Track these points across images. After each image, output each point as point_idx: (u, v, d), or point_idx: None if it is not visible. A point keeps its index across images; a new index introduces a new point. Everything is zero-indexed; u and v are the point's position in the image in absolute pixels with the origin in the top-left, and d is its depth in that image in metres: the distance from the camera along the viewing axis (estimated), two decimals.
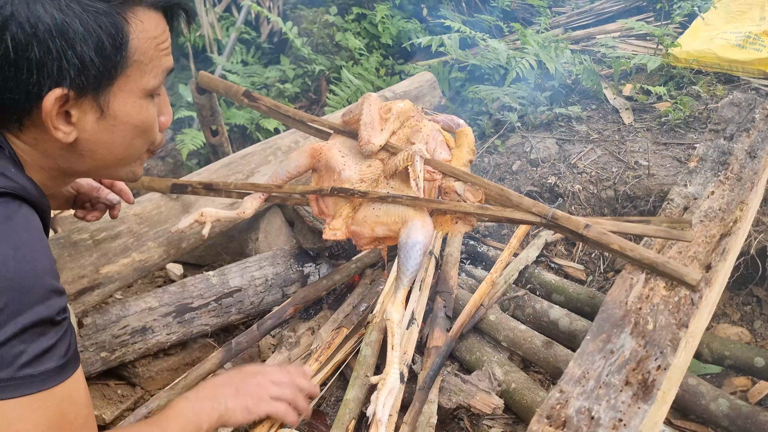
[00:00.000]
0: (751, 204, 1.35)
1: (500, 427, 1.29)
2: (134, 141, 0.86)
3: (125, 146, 0.86)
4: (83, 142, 0.81)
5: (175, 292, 1.66)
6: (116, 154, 0.86)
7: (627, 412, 0.94)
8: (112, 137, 0.83)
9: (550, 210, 1.17)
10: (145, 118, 0.85)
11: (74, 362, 0.78)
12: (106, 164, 0.87)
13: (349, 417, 1.23)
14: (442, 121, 1.47)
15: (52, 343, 0.73)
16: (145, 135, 0.88)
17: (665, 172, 1.82)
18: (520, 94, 2.37)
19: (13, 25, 0.70)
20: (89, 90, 0.77)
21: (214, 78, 1.82)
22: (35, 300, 0.72)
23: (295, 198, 1.42)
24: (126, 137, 0.84)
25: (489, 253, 1.77)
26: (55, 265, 0.78)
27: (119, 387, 1.61)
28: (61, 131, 0.78)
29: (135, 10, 0.78)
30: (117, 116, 0.81)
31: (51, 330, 0.74)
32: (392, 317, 1.19)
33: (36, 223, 0.77)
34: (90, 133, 0.80)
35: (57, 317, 0.74)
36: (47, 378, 0.73)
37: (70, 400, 0.76)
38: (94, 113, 0.79)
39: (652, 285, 1.14)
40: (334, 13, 3.14)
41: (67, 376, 0.76)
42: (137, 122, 0.84)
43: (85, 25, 0.73)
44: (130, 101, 0.82)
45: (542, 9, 3.21)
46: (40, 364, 0.72)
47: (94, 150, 0.83)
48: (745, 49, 2.22)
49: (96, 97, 0.78)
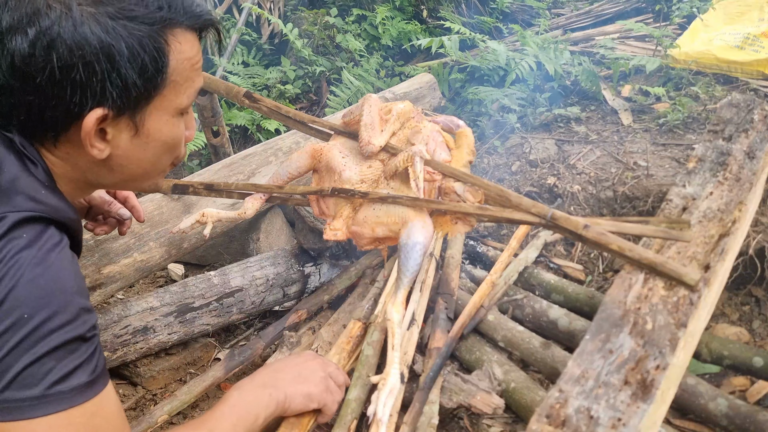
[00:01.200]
0: (749, 204, 1.35)
1: (500, 426, 1.29)
2: (162, 157, 0.88)
3: (153, 162, 0.88)
4: (115, 158, 0.82)
5: (177, 291, 1.66)
6: (144, 168, 0.87)
7: (626, 411, 0.95)
8: (144, 154, 0.84)
9: (549, 210, 1.17)
10: (175, 135, 0.87)
11: (104, 377, 0.78)
12: (133, 178, 0.89)
13: (350, 417, 1.24)
14: (442, 122, 1.48)
15: (83, 360, 0.74)
16: (173, 151, 0.90)
17: (664, 173, 1.83)
18: (519, 95, 2.37)
19: (60, 46, 0.71)
20: (128, 110, 0.78)
21: (215, 79, 1.82)
22: (66, 319, 0.72)
23: (296, 198, 1.43)
24: (156, 153, 0.86)
25: (488, 254, 1.78)
26: (84, 283, 0.80)
27: (121, 387, 1.62)
28: (96, 149, 0.79)
29: (175, 32, 0.79)
30: (150, 134, 0.83)
31: (81, 347, 0.74)
32: (393, 318, 1.20)
33: (65, 244, 0.78)
34: (123, 150, 0.82)
35: (87, 334, 0.75)
36: (77, 394, 0.73)
37: (102, 415, 0.76)
38: (129, 132, 0.81)
39: (650, 285, 1.14)
40: (334, 14, 3.15)
41: (98, 391, 0.76)
42: (168, 139, 0.86)
43: (130, 47, 0.74)
44: (163, 119, 0.83)
45: (541, 11, 3.22)
46: (70, 380, 0.72)
47: (124, 165, 0.85)
48: (743, 51, 2.23)
49: (133, 116, 0.79)
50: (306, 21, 3.15)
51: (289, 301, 1.83)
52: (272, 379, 1.00)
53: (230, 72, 3.04)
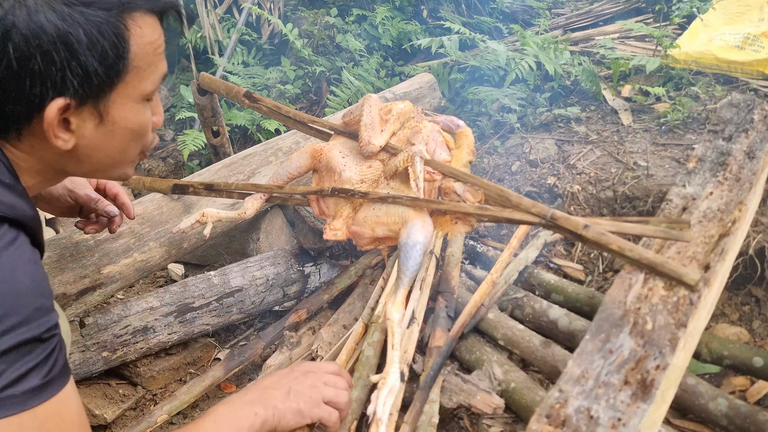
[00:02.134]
0: (749, 204, 1.35)
1: (500, 426, 1.29)
2: (130, 144, 0.86)
3: (121, 150, 0.85)
4: (81, 148, 0.81)
5: (177, 291, 1.66)
6: (113, 157, 0.85)
7: (626, 411, 0.95)
8: (110, 142, 0.82)
9: (549, 210, 1.17)
10: (141, 121, 0.85)
11: (61, 378, 0.75)
12: (102, 167, 0.87)
13: (351, 417, 1.24)
14: (442, 122, 1.48)
15: (37, 362, 0.71)
16: (141, 138, 0.87)
17: (664, 173, 1.83)
18: (519, 95, 2.37)
19: (15, 36, 0.68)
20: (90, 99, 0.76)
21: (215, 79, 1.82)
22: (18, 321, 0.70)
23: (296, 198, 1.43)
24: (123, 141, 0.84)
25: (488, 254, 1.78)
26: (45, 281, 0.76)
27: (121, 387, 1.62)
28: (60, 139, 0.77)
29: (134, 16, 0.77)
30: (116, 122, 0.81)
31: (37, 349, 0.71)
32: (392, 317, 1.20)
33: (20, 242, 0.75)
34: (89, 140, 0.80)
35: (44, 335, 0.72)
36: (30, 397, 0.70)
37: (56, 419, 0.73)
38: (93, 120, 0.79)
39: (650, 285, 1.14)
40: (334, 14, 3.15)
41: (52, 394, 0.72)
42: (134, 126, 0.84)
43: (89, 34, 0.72)
44: (128, 106, 0.81)
45: (541, 11, 3.22)
46: (22, 383, 0.69)
47: (91, 155, 0.82)
48: (743, 51, 2.23)
49: (96, 104, 0.78)
50: (306, 21, 3.15)
51: (289, 301, 1.83)
52: (261, 396, 0.96)
53: (230, 72, 3.04)
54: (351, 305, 1.73)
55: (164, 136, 3.28)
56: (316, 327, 1.70)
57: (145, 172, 3.05)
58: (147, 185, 1.63)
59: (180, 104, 3.23)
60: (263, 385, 1.00)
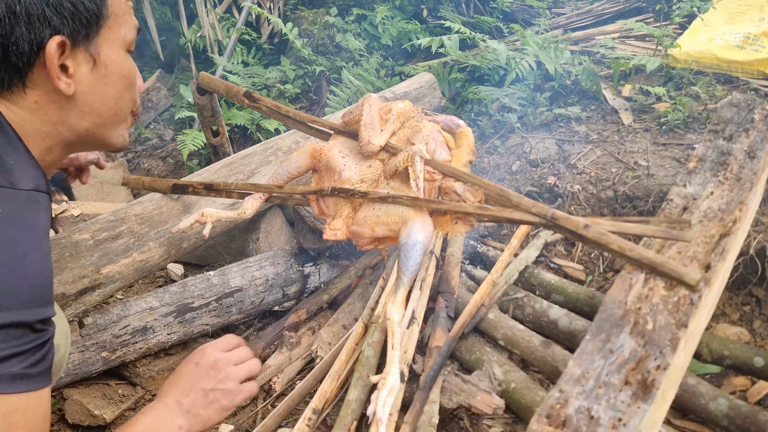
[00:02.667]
0: (750, 204, 1.35)
1: (500, 426, 1.29)
2: (123, 93, 0.93)
3: (116, 98, 0.92)
4: (81, 96, 0.86)
5: (176, 292, 1.66)
6: (109, 107, 0.91)
7: (626, 411, 0.94)
8: (105, 87, 0.89)
9: (549, 210, 1.17)
10: (129, 68, 0.93)
11: (42, 378, 0.74)
12: (102, 120, 0.92)
13: (351, 417, 1.24)
14: (442, 121, 1.47)
15: (22, 350, 0.71)
16: (131, 88, 0.94)
17: (664, 173, 1.82)
18: (519, 94, 2.37)
19: None
20: (82, 38, 0.84)
21: (214, 79, 1.82)
22: (17, 303, 0.70)
23: (296, 198, 1.42)
24: (117, 87, 0.91)
25: (489, 254, 1.78)
26: (50, 273, 0.77)
27: (120, 387, 1.61)
28: (62, 82, 0.83)
29: None
30: (107, 65, 0.88)
31: (27, 336, 0.71)
32: (392, 317, 1.19)
33: (43, 225, 0.78)
34: (86, 85, 0.86)
35: (36, 325, 0.72)
36: (3, 383, 0.69)
37: (23, 415, 0.72)
38: (87, 64, 0.86)
39: (651, 285, 1.14)
40: (334, 14, 3.15)
41: (29, 389, 0.72)
42: (124, 72, 0.91)
43: None
44: (115, 51, 0.89)
45: (542, 10, 3.22)
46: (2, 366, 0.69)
47: (91, 103, 0.88)
48: (744, 50, 2.23)
49: (87, 47, 0.85)
50: (306, 20, 3.15)
51: (289, 301, 1.83)
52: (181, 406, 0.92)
53: (230, 71, 3.04)
54: (351, 305, 1.73)
55: (164, 135, 3.28)
56: (315, 327, 1.70)
57: (144, 172, 3.05)
58: (146, 185, 1.63)
59: (180, 104, 3.23)
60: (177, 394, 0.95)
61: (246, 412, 1.52)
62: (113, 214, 1.59)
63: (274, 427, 1.40)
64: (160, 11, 3.57)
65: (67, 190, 2.40)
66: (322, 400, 1.38)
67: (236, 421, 1.49)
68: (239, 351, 1.04)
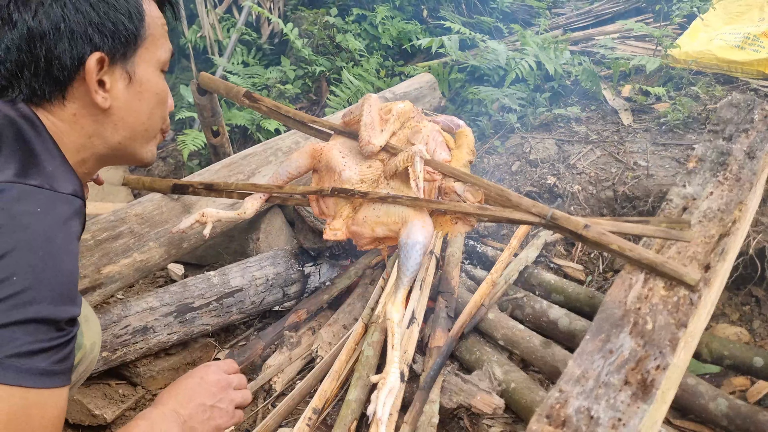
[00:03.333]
0: (749, 204, 1.35)
1: (500, 426, 1.29)
2: (155, 110, 0.96)
3: (149, 114, 0.95)
4: (115, 110, 0.90)
5: (176, 291, 1.66)
6: (142, 121, 0.95)
7: (626, 411, 0.95)
8: (139, 103, 0.93)
9: (549, 210, 1.17)
10: (162, 87, 0.97)
11: (63, 377, 0.75)
12: (134, 134, 0.95)
13: (351, 417, 1.24)
14: (442, 122, 1.48)
15: (50, 345, 0.72)
16: (162, 106, 0.98)
17: (664, 173, 1.83)
18: (519, 95, 2.37)
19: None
20: (120, 56, 0.88)
21: (215, 79, 1.82)
22: (50, 297, 0.72)
23: (296, 198, 1.43)
24: (149, 104, 0.95)
25: (489, 254, 1.78)
26: (78, 275, 0.80)
27: (120, 387, 1.62)
28: (100, 95, 0.87)
29: None
30: (142, 83, 0.92)
31: (53, 333, 0.73)
32: (392, 317, 1.19)
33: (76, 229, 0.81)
34: (121, 100, 0.90)
35: (63, 324, 0.74)
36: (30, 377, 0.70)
37: (41, 410, 0.73)
38: (123, 80, 0.90)
39: (651, 285, 1.14)
40: (334, 14, 3.15)
41: (52, 385, 0.73)
42: (158, 90, 0.95)
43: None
44: (150, 70, 0.94)
45: (542, 10, 3.22)
46: (30, 359, 0.70)
47: (125, 117, 0.92)
48: (743, 50, 2.23)
49: (125, 64, 0.89)
50: (306, 21, 3.15)
51: (289, 301, 1.83)
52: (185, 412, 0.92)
53: (230, 72, 3.04)
54: (351, 305, 1.73)
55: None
56: (315, 327, 1.70)
57: (145, 172, 3.05)
58: (147, 185, 1.63)
59: (180, 104, 3.23)
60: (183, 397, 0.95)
61: (246, 412, 1.52)
62: (113, 214, 1.59)
63: (275, 426, 1.40)
64: None
65: None
66: (322, 400, 1.38)
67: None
68: (238, 377, 1.05)
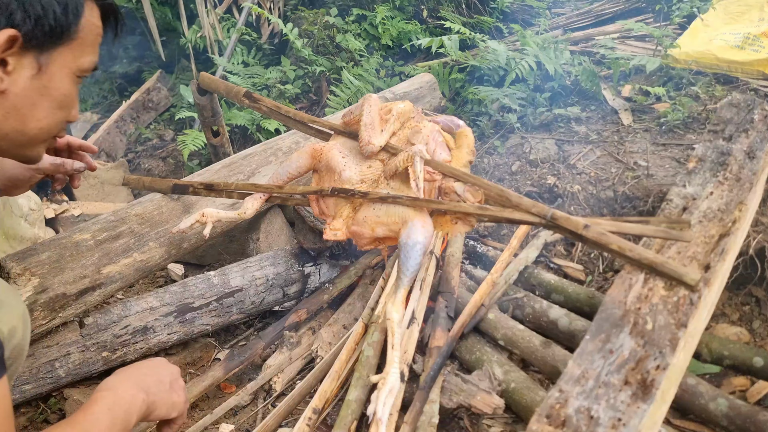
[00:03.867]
0: (749, 204, 1.35)
1: (500, 426, 1.29)
2: (55, 112, 0.89)
3: (46, 113, 0.88)
4: (12, 96, 0.82)
5: (176, 292, 1.66)
6: (37, 118, 0.87)
7: (626, 411, 0.95)
8: (40, 99, 0.86)
9: (549, 210, 1.17)
10: (71, 93, 0.90)
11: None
12: (25, 129, 0.87)
13: (351, 417, 1.24)
14: (442, 122, 1.48)
15: None
16: (65, 111, 0.91)
17: (664, 173, 1.83)
18: (519, 95, 2.37)
19: None
20: (36, 43, 0.80)
21: (215, 79, 1.82)
22: None
23: (296, 198, 1.43)
24: (51, 104, 0.88)
25: (489, 254, 1.78)
26: None
27: None
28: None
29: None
30: (51, 81, 0.85)
31: None
32: (392, 317, 1.20)
33: None
34: (21, 89, 0.83)
35: None
36: None
37: None
38: (31, 69, 0.82)
39: (651, 285, 1.14)
40: (334, 14, 3.15)
41: None
42: (65, 93, 0.88)
43: None
44: (65, 71, 0.86)
45: (542, 10, 3.22)
46: None
47: (19, 108, 0.84)
48: (744, 50, 2.23)
49: (39, 54, 0.82)
50: (306, 21, 3.15)
51: (289, 301, 1.83)
52: (144, 384, 0.92)
53: (230, 72, 3.04)
54: (351, 305, 1.73)
55: (164, 136, 3.28)
56: (316, 327, 1.70)
57: (145, 172, 3.05)
58: (147, 185, 1.63)
59: (180, 104, 3.23)
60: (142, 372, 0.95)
61: (246, 412, 1.52)
62: (114, 214, 1.59)
63: (275, 426, 1.40)
64: (160, 11, 3.57)
65: (67, 190, 2.40)
66: (323, 400, 1.38)
67: (236, 420, 1.50)
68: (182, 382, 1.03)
